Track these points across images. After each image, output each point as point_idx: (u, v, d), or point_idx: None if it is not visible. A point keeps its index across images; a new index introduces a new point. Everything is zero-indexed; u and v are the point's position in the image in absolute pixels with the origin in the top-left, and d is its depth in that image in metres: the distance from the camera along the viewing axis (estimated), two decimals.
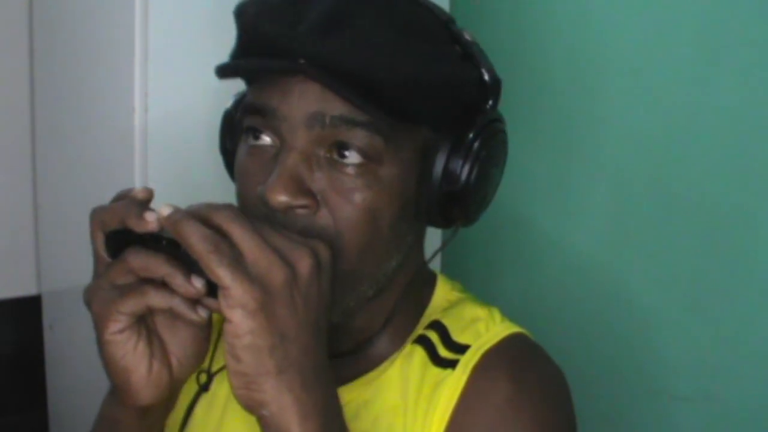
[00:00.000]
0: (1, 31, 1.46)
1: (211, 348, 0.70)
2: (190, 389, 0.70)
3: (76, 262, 1.34)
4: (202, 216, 0.51)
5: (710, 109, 1.06)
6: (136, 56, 1.07)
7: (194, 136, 1.10)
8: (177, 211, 0.52)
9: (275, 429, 0.52)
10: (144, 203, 0.55)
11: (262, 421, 0.53)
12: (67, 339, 1.42)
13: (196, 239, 0.50)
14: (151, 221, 0.53)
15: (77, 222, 1.30)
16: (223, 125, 0.69)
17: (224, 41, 0.63)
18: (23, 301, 1.54)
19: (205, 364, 0.71)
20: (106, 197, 0.58)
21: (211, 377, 0.70)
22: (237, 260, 0.50)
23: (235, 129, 0.67)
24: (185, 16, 1.09)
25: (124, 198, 0.56)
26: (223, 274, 0.49)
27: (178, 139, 1.11)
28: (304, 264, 0.52)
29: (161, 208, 0.52)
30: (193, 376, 0.70)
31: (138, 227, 0.53)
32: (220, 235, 0.51)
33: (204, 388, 0.70)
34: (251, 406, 0.52)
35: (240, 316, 0.50)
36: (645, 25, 1.13)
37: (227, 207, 0.53)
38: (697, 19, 1.06)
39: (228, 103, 0.70)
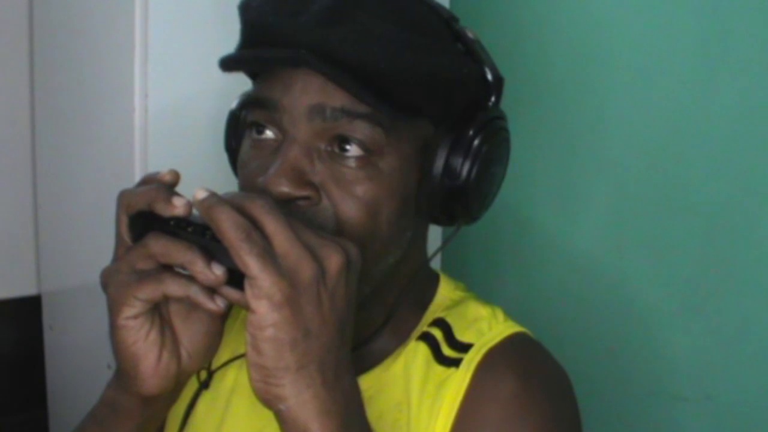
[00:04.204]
0: (1, 31, 1.46)
1: None
2: (190, 387, 0.69)
3: (76, 262, 1.34)
4: (236, 204, 0.51)
5: (712, 109, 1.06)
6: (136, 56, 1.07)
7: (194, 136, 1.10)
8: (212, 195, 0.51)
9: (293, 424, 0.52)
10: (171, 187, 0.55)
11: (279, 415, 0.52)
12: (67, 339, 1.42)
13: (228, 226, 0.49)
14: (178, 206, 0.53)
15: (77, 222, 1.31)
16: (228, 125, 0.70)
17: (225, 41, 0.63)
18: (23, 301, 1.54)
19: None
20: (106, 197, 0.58)
21: (211, 375, 0.70)
22: (267, 251, 0.50)
23: (239, 128, 0.67)
24: (185, 16, 1.09)
25: (151, 182, 0.56)
26: (253, 264, 0.49)
27: (179, 139, 1.11)
28: (333, 261, 0.52)
29: (196, 191, 0.52)
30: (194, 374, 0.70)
31: (165, 211, 0.53)
32: (253, 224, 0.51)
33: (204, 385, 0.70)
34: (268, 400, 0.52)
35: (265, 307, 0.50)
36: (647, 24, 1.13)
37: (262, 198, 0.53)
38: (699, 20, 1.06)
39: (229, 103, 0.70)
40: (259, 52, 0.60)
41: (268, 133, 0.60)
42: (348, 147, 0.58)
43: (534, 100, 1.26)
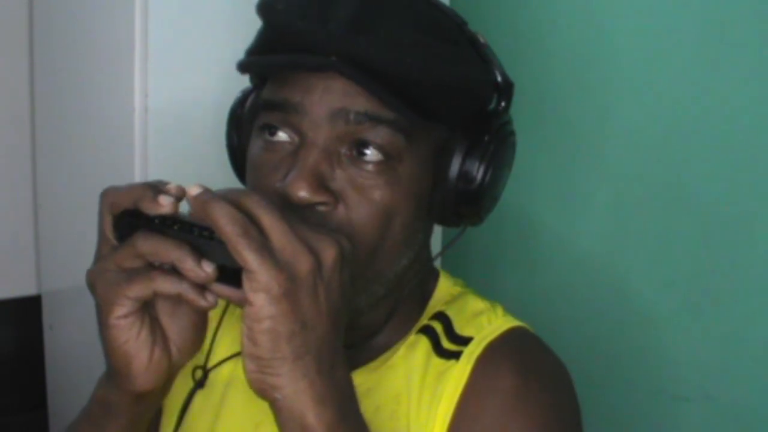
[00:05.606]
0: (1, 31, 1.46)
1: (207, 344, 0.71)
2: (185, 385, 0.70)
3: (76, 262, 1.33)
4: (231, 199, 0.51)
5: (712, 110, 1.06)
6: (136, 56, 1.07)
7: (195, 136, 1.10)
8: (207, 191, 0.51)
9: (288, 414, 0.52)
10: (158, 187, 0.54)
11: (274, 405, 0.53)
12: (67, 339, 1.42)
13: (226, 221, 0.50)
14: (165, 204, 0.53)
15: (77, 222, 1.31)
16: (229, 121, 0.70)
17: (225, 41, 0.63)
18: (23, 301, 1.54)
19: (201, 361, 0.71)
20: None
21: (206, 373, 0.70)
22: (265, 245, 0.50)
23: (242, 124, 0.67)
24: (185, 15, 1.09)
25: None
26: (251, 258, 0.49)
27: (179, 139, 1.11)
28: (329, 254, 0.52)
29: (190, 187, 0.52)
30: (189, 372, 0.70)
31: (151, 210, 0.53)
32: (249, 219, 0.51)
33: (200, 384, 0.70)
34: (264, 390, 0.52)
35: (263, 300, 0.50)
36: (648, 26, 1.13)
37: (257, 193, 0.53)
38: (700, 21, 1.06)
39: (229, 102, 0.70)
40: (288, 57, 0.59)
41: (282, 135, 0.60)
42: (367, 152, 0.59)
43: (535, 101, 1.26)
